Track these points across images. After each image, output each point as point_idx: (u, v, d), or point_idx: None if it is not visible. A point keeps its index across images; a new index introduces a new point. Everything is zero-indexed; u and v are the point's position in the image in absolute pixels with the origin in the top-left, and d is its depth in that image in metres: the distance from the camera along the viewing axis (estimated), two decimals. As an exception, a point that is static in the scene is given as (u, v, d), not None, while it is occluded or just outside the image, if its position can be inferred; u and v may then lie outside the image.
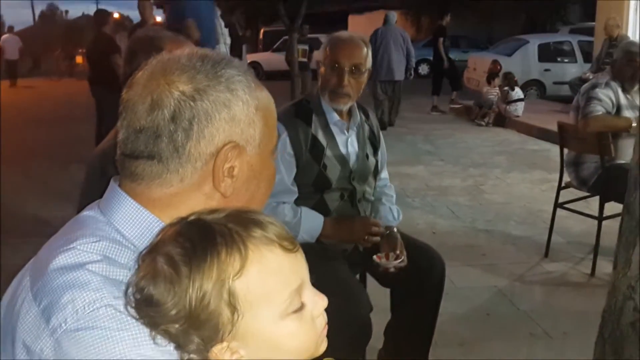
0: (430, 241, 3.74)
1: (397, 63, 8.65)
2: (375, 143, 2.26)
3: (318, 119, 2.10)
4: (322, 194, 2.10)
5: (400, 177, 5.86)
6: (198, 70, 0.80)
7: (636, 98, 3.38)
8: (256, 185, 0.86)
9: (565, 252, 3.81)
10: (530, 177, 5.95)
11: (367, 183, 2.20)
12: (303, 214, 2.04)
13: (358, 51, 2.06)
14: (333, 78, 2.05)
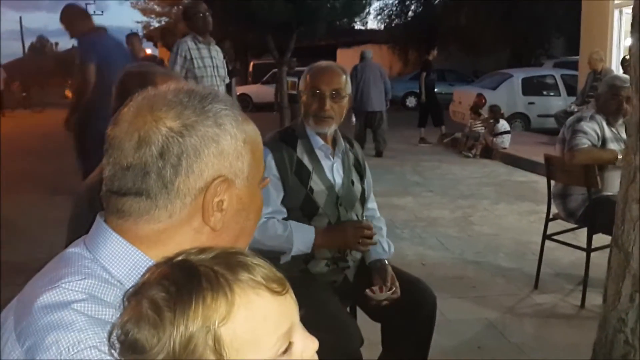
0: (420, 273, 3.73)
1: (377, 95, 9.15)
2: (360, 171, 2.29)
3: (303, 144, 2.13)
4: (310, 220, 2.10)
5: (390, 208, 5.87)
6: (185, 106, 0.79)
7: (621, 131, 3.43)
8: (245, 217, 0.86)
9: (555, 284, 3.81)
10: (518, 208, 5.98)
11: (354, 210, 2.21)
12: (293, 226, 2.05)
13: (337, 77, 2.12)
14: (315, 103, 2.10)
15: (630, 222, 1.57)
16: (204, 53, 4.69)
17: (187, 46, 4.62)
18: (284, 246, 2.04)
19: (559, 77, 12.60)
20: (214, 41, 4.86)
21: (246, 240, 0.89)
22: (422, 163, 8.86)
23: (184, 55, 4.61)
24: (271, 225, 2.03)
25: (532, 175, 7.60)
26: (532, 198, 6.26)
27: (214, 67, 4.74)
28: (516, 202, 6.24)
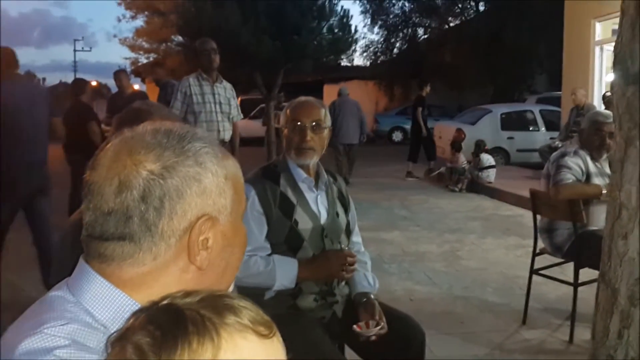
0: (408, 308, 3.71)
1: (353, 129, 9.62)
2: (345, 203, 2.30)
3: (286, 178, 2.14)
4: (294, 254, 2.09)
5: (377, 243, 5.87)
6: (164, 147, 0.79)
7: (605, 166, 3.47)
8: (230, 252, 0.85)
9: (543, 319, 3.80)
10: (505, 242, 6.00)
11: (340, 242, 2.21)
12: (276, 261, 2.05)
13: (316, 110, 2.16)
14: (296, 136, 2.12)
15: (617, 258, 1.58)
16: (205, 89, 4.86)
17: (188, 82, 4.84)
18: (267, 283, 2.03)
19: (537, 113, 12.90)
20: (222, 79, 5.01)
21: (232, 275, 0.88)
22: (409, 197, 8.90)
23: (184, 91, 4.82)
24: (253, 262, 2.02)
25: (517, 209, 7.66)
26: (518, 232, 6.29)
27: (216, 103, 4.89)
28: (503, 236, 6.26)
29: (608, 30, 9.21)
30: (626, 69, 1.54)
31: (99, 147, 0.84)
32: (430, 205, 8.30)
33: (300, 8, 9.97)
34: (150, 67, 18.20)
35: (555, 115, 12.64)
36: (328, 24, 10.66)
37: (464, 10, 24.24)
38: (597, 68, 9.47)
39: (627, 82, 1.53)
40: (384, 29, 25.60)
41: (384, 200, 8.64)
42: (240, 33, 9.36)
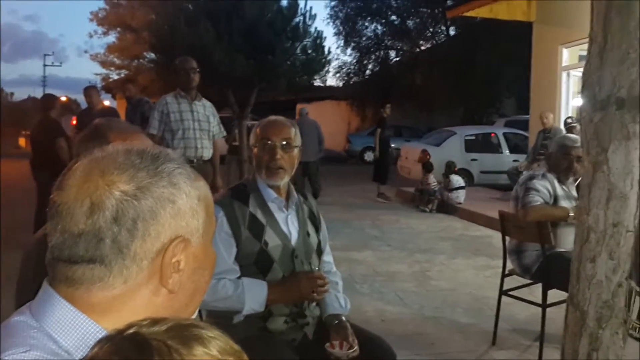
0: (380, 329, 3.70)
1: (313, 147, 9.69)
2: (315, 223, 2.28)
3: (255, 198, 2.12)
4: (264, 275, 2.07)
5: (349, 263, 5.86)
6: (138, 168, 0.77)
7: (572, 189, 3.55)
8: (200, 275, 0.84)
9: (512, 340, 3.83)
10: (474, 263, 6.05)
11: (310, 262, 2.19)
12: (245, 284, 2.01)
13: (286, 129, 2.15)
14: (266, 155, 2.11)
15: (585, 281, 1.60)
16: (183, 107, 4.84)
17: (166, 101, 4.83)
18: (235, 307, 2.00)
19: (501, 135, 13.25)
20: (201, 97, 4.98)
21: (200, 298, 0.87)
22: (380, 217, 8.94)
23: (161, 110, 4.81)
24: (222, 286, 1.99)
25: (487, 230, 7.76)
26: (487, 253, 6.36)
27: (194, 121, 4.86)
28: (472, 257, 6.33)
29: (575, 56, 9.48)
30: (593, 96, 1.58)
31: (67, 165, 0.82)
32: (401, 225, 8.35)
33: (274, 28, 10.03)
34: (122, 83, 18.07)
35: (519, 138, 13.04)
36: (302, 44, 10.73)
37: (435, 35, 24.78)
38: (563, 93, 9.71)
39: (595, 109, 1.58)
40: (357, 51, 25.98)
41: (355, 219, 8.67)
42: (213, 51, 9.35)
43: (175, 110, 4.79)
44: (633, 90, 1.53)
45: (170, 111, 4.77)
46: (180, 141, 4.77)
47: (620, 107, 1.53)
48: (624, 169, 1.54)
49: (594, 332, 1.59)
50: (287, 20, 10.35)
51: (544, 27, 10.05)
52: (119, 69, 21.45)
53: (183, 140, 4.78)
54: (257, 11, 9.96)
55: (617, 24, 1.56)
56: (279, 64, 10.22)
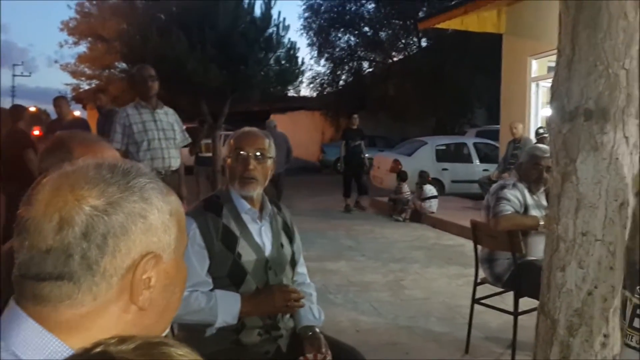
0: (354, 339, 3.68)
1: (280, 158, 9.75)
2: (289, 234, 2.28)
3: (229, 209, 2.11)
4: (237, 288, 2.05)
5: (323, 273, 5.85)
6: (109, 183, 0.76)
7: (542, 198, 3.60)
8: (172, 292, 0.82)
9: (485, 348, 3.86)
10: (447, 272, 6.10)
11: (284, 274, 2.18)
12: (218, 297, 1.99)
13: (260, 139, 2.15)
14: (239, 165, 2.10)
15: (556, 290, 1.62)
16: (145, 117, 4.63)
17: (126, 113, 4.61)
18: (208, 320, 1.98)
19: (471, 145, 13.50)
20: (162, 105, 4.79)
21: (171, 315, 0.86)
22: (355, 227, 8.97)
23: (122, 123, 4.58)
24: (194, 299, 1.96)
25: (459, 239, 7.83)
26: (460, 261, 6.41)
27: (159, 130, 4.66)
28: (445, 266, 6.37)
29: (543, 68, 9.68)
30: (562, 107, 1.61)
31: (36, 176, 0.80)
32: (375, 235, 8.38)
33: (247, 39, 10.02)
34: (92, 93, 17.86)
35: (489, 148, 13.30)
36: (275, 55, 10.75)
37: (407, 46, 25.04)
38: (533, 103, 9.89)
39: (563, 120, 1.60)
40: (330, 62, 26.10)
41: (329, 229, 8.67)
42: (186, 61, 9.29)
43: (137, 121, 4.58)
44: (600, 102, 1.56)
45: (132, 122, 4.56)
46: (147, 153, 4.57)
47: (588, 118, 1.56)
48: (593, 179, 1.57)
49: (564, 340, 1.61)
50: (260, 31, 10.36)
51: (513, 39, 10.25)
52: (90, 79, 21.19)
53: (149, 152, 4.58)
54: (230, 21, 9.95)
55: (585, 37, 1.59)
56: (253, 75, 10.22)
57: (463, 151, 13.48)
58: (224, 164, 2.20)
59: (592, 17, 1.58)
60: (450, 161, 12.94)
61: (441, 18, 10.78)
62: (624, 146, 1.57)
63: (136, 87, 4.75)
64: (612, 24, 1.57)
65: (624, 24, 1.57)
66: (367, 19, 25.15)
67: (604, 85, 1.56)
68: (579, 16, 1.60)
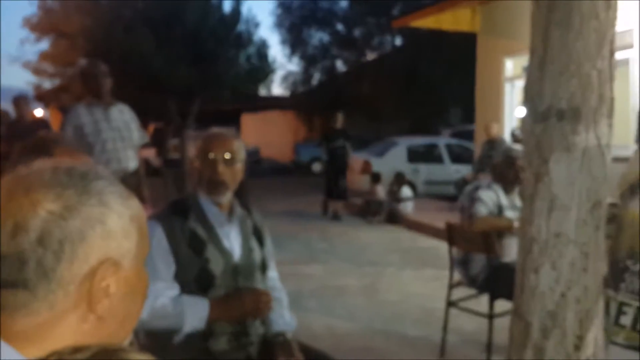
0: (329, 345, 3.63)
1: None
2: (260, 238, 2.22)
3: (196, 213, 2.05)
4: (205, 293, 1.98)
5: (297, 277, 5.79)
6: (66, 186, 0.73)
7: (515, 199, 3.61)
8: (132, 300, 0.79)
9: (460, 351, 3.84)
10: (422, 274, 6.09)
11: (254, 279, 2.12)
12: (185, 302, 1.92)
13: (230, 142, 2.08)
14: (208, 169, 2.03)
15: (529, 292, 1.60)
16: (97, 117, 4.31)
17: (77, 113, 4.29)
18: (175, 325, 1.91)
19: (443, 146, 13.55)
20: (115, 101, 4.45)
21: (132, 324, 0.82)
22: (329, 229, 8.92)
23: (73, 123, 4.25)
24: (160, 304, 1.90)
25: (434, 241, 7.82)
26: (435, 264, 6.40)
27: (113, 130, 4.34)
28: (420, 268, 6.36)
29: (518, 67, 9.75)
30: (535, 108, 1.59)
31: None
32: (349, 238, 8.34)
33: (216, 36, 9.89)
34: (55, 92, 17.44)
35: (462, 148, 13.38)
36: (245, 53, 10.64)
37: (382, 45, 25.05)
38: (507, 103, 9.96)
39: (536, 120, 1.59)
40: (303, 60, 25.93)
41: (303, 232, 8.60)
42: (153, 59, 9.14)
43: (88, 122, 4.25)
44: (573, 102, 1.55)
45: (83, 123, 4.23)
46: (101, 155, 4.23)
47: (560, 119, 1.55)
48: (565, 179, 1.55)
49: (538, 342, 1.59)
50: (229, 28, 10.25)
51: (488, 38, 10.30)
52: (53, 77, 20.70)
53: (104, 154, 4.26)
54: (198, 19, 9.82)
55: (557, 37, 1.58)
56: (222, 73, 10.10)
57: (435, 152, 13.48)
58: (192, 166, 2.13)
59: (564, 17, 1.57)
60: (422, 162, 12.96)
61: (415, 16, 10.78)
62: (596, 146, 1.56)
63: (86, 85, 4.37)
64: (584, 24, 1.56)
65: (596, 24, 1.56)
66: (341, 16, 25.09)
67: (576, 85, 1.54)
68: (550, 16, 1.58)
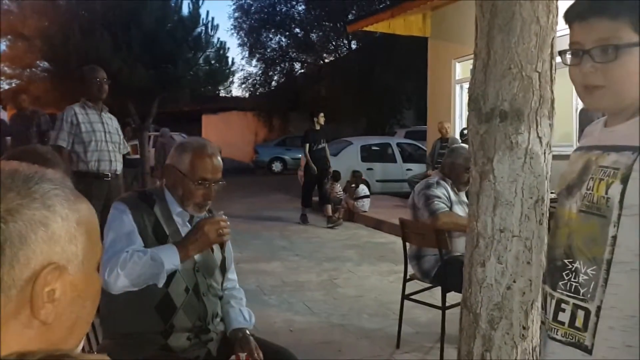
0: (288, 340, 3.69)
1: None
2: None
3: (160, 208, 2.08)
4: (167, 288, 1.99)
5: (257, 274, 5.83)
6: (9, 188, 0.71)
7: (463, 196, 3.73)
8: (81, 305, 0.78)
9: (415, 343, 3.95)
10: (379, 269, 6.21)
11: (213, 278, 2.16)
12: (154, 249, 1.93)
13: (221, 165, 2.13)
14: (199, 191, 2.07)
15: (477, 285, 1.68)
16: (93, 118, 4.54)
17: (74, 111, 4.48)
18: (154, 270, 1.89)
19: (395, 145, 13.98)
20: (107, 109, 4.71)
21: (83, 330, 0.81)
22: (289, 227, 8.99)
23: (70, 121, 4.44)
24: (131, 256, 1.88)
25: (390, 237, 7.99)
26: (391, 258, 6.55)
27: (106, 133, 4.59)
28: (377, 263, 6.49)
29: (467, 70, 10.04)
30: (479, 109, 1.67)
31: None
32: (309, 235, 8.42)
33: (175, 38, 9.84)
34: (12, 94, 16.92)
35: (413, 148, 13.78)
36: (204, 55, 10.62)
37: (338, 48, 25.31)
38: (457, 104, 10.25)
39: (480, 121, 1.67)
40: (262, 62, 25.99)
41: (263, 230, 8.64)
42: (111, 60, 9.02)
43: (85, 121, 4.48)
44: (515, 104, 1.63)
45: (80, 121, 4.45)
46: (94, 154, 4.48)
47: (503, 120, 1.63)
48: (509, 177, 1.63)
49: (486, 333, 1.67)
50: (188, 30, 10.21)
51: (438, 42, 10.57)
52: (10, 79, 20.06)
53: (97, 153, 4.49)
54: (157, 21, 9.74)
55: (499, 41, 1.66)
56: (181, 74, 10.05)
57: (387, 151, 13.85)
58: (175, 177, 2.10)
59: (506, 22, 1.65)
60: (375, 161, 13.28)
61: (369, 21, 10.98)
62: (537, 146, 1.65)
63: (87, 87, 4.60)
64: (525, 29, 1.64)
65: (537, 29, 1.64)
66: (298, 20, 25.25)
67: (518, 87, 1.62)
68: (493, 21, 1.66)
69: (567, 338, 1.30)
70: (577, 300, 1.28)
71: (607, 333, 1.23)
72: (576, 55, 1.28)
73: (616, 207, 1.21)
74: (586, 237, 1.27)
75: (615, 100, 1.26)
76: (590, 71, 1.25)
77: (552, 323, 1.35)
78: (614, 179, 1.22)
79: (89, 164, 4.48)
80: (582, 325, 1.27)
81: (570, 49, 1.31)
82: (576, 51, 1.28)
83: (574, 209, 1.32)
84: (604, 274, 1.23)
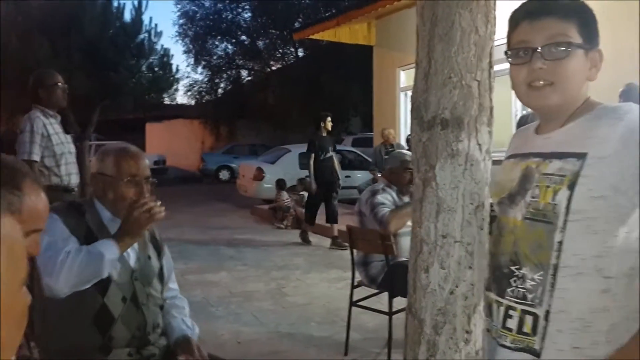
0: (235, 352, 3.64)
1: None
2: (157, 247, 2.21)
3: (91, 217, 2.02)
4: (103, 299, 1.93)
5: (203, 285, 5.73)
6: None
7: (407, 199, 3.79)
8: (4, 327, 0.73)
9: (363, 349, 3.97)
10: (327, 276, 6.22)
11: (152, 286, 2.10)
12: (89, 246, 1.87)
13: (146, 163, 2.10)
14: (130, 190, 2.00)
15: (421, 290, 1.70)
16: (57, 128, 4.12)
17: (42, 122, 4.00)
18: (95, 263, 1.83)
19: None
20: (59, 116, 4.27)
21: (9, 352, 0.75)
22: (236, 236, 8.88)
23: (41, 133, 3.96)
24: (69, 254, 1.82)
25: (339, 244, 8.00)
26: (339, 265, 6.57)
27: (69, 144, 4.20)
28: (326, 270, 6.49)
29: (411, 78, 10.21)
30: (421, 117, 1.70)
31: None
32: (256, 244, 8.35)
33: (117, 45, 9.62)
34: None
35: (352, 155, 13.87)
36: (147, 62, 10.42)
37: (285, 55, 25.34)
38: (402, 112, 10.44)
39: (423, 129, 1.69)
40: (208, 70, 25.72)
41: (210, 240, 8.51)
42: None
43: (53, 132, 4.03)
44: (455, 112, 1.66)
45: (50, 133, 3.99)
46: (65, 167, 4.07)
47: (444, 127, 1.66)
48: (451, 184, 1.66)
49: (431, 339, 1.69)
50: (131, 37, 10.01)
51: (383, 51, 10.74)
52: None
53: (66, 166, 4.08)
54: (98, 27, 9.49)
55: (440, 50, 1.69)
56: (123, 82, 9.83)
57: None
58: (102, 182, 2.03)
59: (446, 32, 1.68)
60: None
61: (315, 29, 11.06)
62: (477, 153, 1.68)
63: (48, 94, 4.10)
64: (465, 38, 1.67)
65: (476, 38, 1.68)
66: (244, 27, 25.15)
67: (458, 96, 1.66)
68: (434, 30, 1.69)
69: (515, 344, 1.33)
70: (525, 306, 1.31)
71: (556, 336, 1.26)
72: (526, 53, 1.31)
73: (562, 213, 1.24)
74: (532, 244, 1.30)
75: (561, 97, 1.30)
76: (540, 68, 1.28)
77: (501, 330, 1.37)
78: (561, 186, 1.25)
79: (62, 178, 4.07)
80: (531, 330, 1.30)
81: (517, 48, 1.34)
82: (525, 49, 1.31)
83: (518, 217, 1.34)
84: (551, 279, 1.26)
